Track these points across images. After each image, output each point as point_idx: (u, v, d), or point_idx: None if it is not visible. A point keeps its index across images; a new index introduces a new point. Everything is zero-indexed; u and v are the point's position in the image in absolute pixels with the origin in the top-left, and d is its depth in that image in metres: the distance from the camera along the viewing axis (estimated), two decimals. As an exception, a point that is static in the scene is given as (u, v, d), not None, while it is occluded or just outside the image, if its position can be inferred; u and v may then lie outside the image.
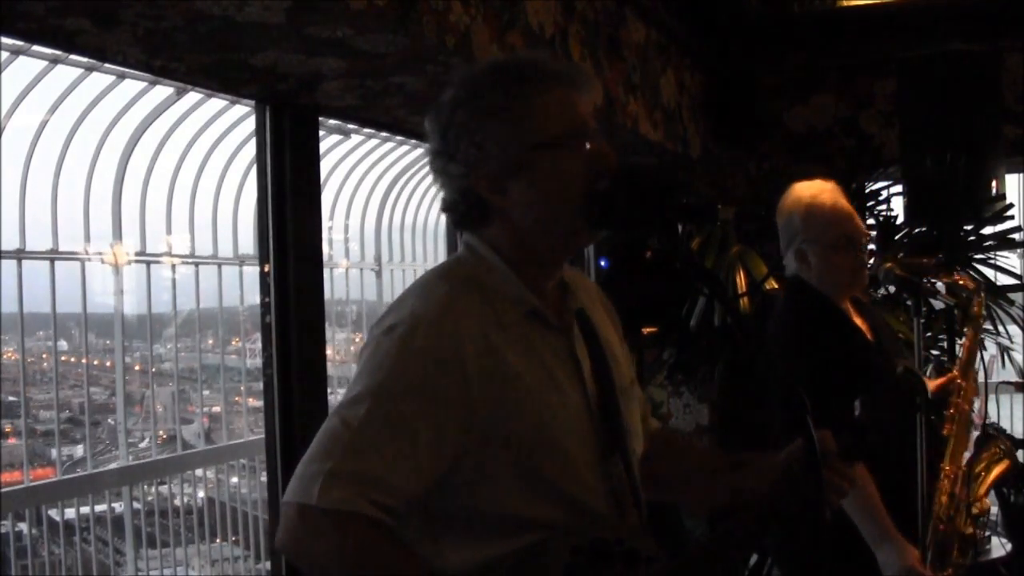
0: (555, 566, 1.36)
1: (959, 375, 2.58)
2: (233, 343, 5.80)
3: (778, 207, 2.67)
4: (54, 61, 3.43)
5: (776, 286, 3.79)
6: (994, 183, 3.83)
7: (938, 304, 3.94)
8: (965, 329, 2.76)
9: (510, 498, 1.38)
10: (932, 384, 2.66)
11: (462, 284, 1.44)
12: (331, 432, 1.34)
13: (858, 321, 2.61)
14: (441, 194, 1.52)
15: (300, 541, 1.31)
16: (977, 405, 2.73)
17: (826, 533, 2.38)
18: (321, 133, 3.70)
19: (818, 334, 2.49)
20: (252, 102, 2.96)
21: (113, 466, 4.90)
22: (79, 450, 5.18)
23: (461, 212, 1.50)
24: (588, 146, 1.45)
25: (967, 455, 2.54)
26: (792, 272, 2.65)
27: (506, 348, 1.40)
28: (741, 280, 3.91)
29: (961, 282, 2.84)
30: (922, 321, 3.94)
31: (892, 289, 3.38)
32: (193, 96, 4.00)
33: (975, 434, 2.64)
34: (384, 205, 5.74)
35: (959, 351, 2.72)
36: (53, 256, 4.04)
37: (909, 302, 2.53)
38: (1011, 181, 4.41)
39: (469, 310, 1.40)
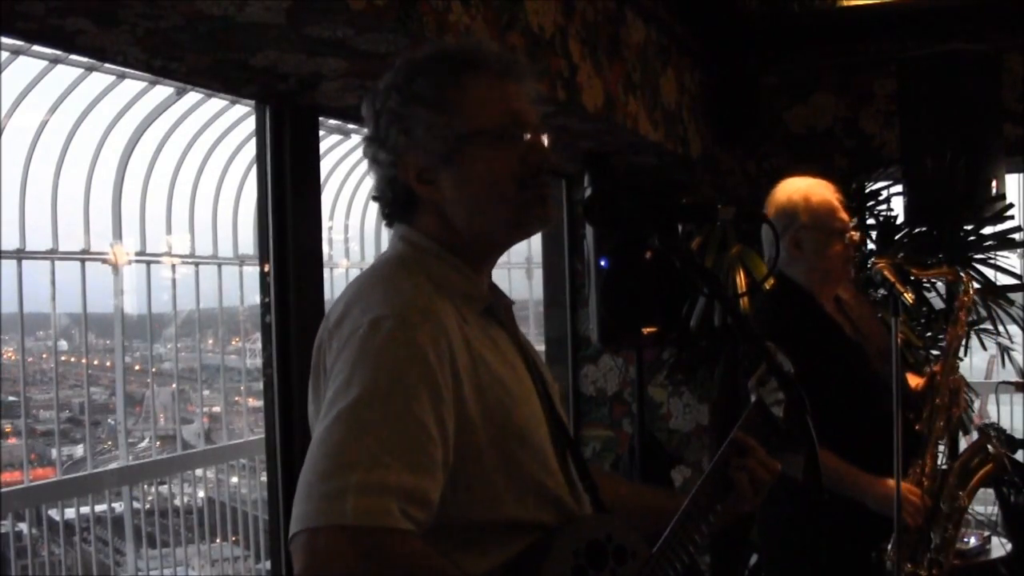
0: (560, 571, 1.34)
1: (939, 370, 2.60)
2: (233, 343, 5.81)
3: (771, 200, 2.69)
4: (54, 61, 3.45)
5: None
6: (994, 183, 3.82)
7: (938, 304, 3.95)
8: (948, 323, 2.78)
9: (499, 500, 1.34)
10: (915, 382, 2.68)
11: (425, 278, 1.37)
12: (342, 441, 1.21)
13: (839, 319, 2.64)
14: (373, 183, 1.48)
15: (344, 567, 1.16)
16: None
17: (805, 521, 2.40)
18: (321, 133, 3.71)
19: (795, 328, 2.50)
20: (252, 102, 2.96)
21: (113, 466, 4.91)
22: (79, 450, 5.19)
23: (388, 201, 1.45)
24: (524, 139, 1.41)
25: (943, 452, 2.55)
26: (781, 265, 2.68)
27: (475, 343, 1.36)
28: (741, 280, 3.90)
29: (946, 275, 2.87)
30: (922, 321, 3.96)
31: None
32: (193, 96, 4.02)
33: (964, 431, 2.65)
34: (384, 205, 5.73)
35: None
36: (53, 256, 4.05)
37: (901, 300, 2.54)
38: (1011, 181, 4.40)
39: (442, 303, 1.35)
